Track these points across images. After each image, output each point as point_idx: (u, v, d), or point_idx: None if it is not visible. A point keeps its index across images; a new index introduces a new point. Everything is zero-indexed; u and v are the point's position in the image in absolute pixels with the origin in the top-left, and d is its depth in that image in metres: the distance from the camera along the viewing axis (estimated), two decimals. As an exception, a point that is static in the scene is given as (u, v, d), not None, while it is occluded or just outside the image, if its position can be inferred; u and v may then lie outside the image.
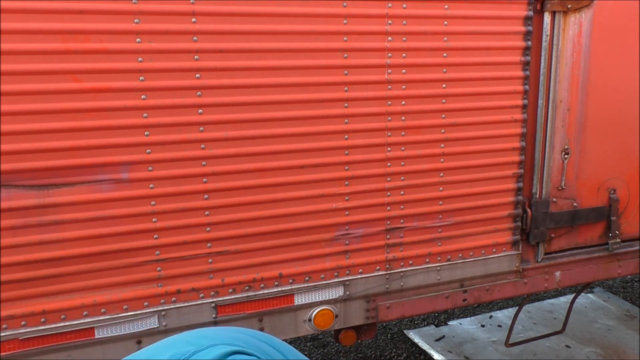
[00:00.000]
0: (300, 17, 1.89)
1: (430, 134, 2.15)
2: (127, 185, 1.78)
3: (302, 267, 2.05)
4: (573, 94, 2.37)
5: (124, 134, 1.75)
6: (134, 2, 1.70)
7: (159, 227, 1.84)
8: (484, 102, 2.22)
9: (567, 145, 2.42)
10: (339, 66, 1.97)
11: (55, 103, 1.66)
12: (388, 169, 2.11)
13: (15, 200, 1.66)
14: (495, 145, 2.27)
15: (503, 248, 2.39)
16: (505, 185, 2.33)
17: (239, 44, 1.83)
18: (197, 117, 1.82)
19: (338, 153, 2.03)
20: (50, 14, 1.62)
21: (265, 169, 1.93)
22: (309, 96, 1.95)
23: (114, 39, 1.69)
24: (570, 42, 2.32)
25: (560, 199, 2.46)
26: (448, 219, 2.26)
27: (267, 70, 1.88)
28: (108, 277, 1.81)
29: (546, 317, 4.06)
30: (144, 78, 1.74)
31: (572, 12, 2.29)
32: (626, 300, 4.38)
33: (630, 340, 3.72)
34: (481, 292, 2.41)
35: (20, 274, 1.71)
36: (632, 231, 2.65)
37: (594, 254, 2.59)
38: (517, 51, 2.23)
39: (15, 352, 1.74)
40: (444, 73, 2.13)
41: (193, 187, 1.86)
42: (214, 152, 1.86)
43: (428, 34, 2.07)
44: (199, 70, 1.80)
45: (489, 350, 3.59)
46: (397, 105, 2.08)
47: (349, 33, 1.96)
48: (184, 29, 1.76)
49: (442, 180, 2.21)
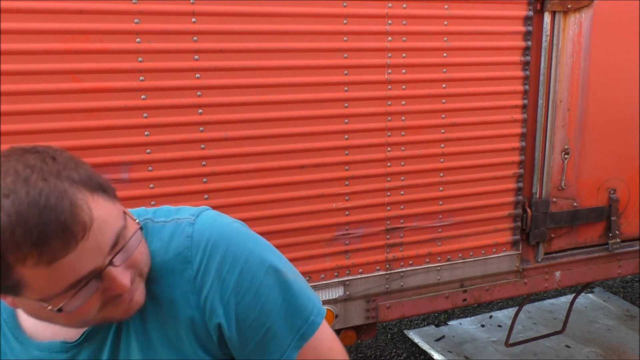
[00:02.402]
0: (300, 17, 1.89)
1: (430, 134, 2.16)
2: (127, 185, 1.78)
3: (302, 267, 2.05)
4: (573, 94, 2.37)
5: (124, 134, 1.75)
6: (134, 2, 1.70)
7: (159, 227, 1.83)
8: (484, 102, 2.22)
9: (567, 145, 2.42)
10: (339, 66, 1.97)
11: (55, 103, 1.66)
12: (388, 169, 2.11)
13: (15, 200, 1.66)
14: (495, 145, 2.27)
15: (503, 248, 2.39)
16: (505, 185, 2.33)
17: (239, 44, 1.83)
18: (197, 117, 1.82)
19: (338, 153, 2.03)
20: (50, 14, 1.62)
21: (265, 169, 1.93)
22: (309, 96, 1.95)
23: (114, 39, 1.69)
24: (570, 42, 2.32)
25: (560, 199, 2.46)
26: (448, 219, 2.26)
27: (267, 70, 1.88)
28: (108, 277, 1.81)
29: (546, 317, 4.06)
30: (144, 78, 1.74)
31: (572, 12, 2.29)
32: (626, 300, 4.38)
33: (630, 340, 3.72)
34: (481, 292, 2.41)
35: (20, 274, 1.71)
36: (632, 231, 2.65)
37: (594, 254, 2.59)
38: (517, 51, 2.23)
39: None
40: (444, 73, 2.13)
41: (193, 187, 1.86)
42: (214, 152, 1.86)
43: (428, 34, 2.07)
44: (199, 70, 1.80)
45: (489, 350, 3.59)
46: (397, 105, 2.08)
47: (349, 33, 1.96)
48: (184, 29, 1.76)
49: (442, 180, 2.21)
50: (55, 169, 0.71)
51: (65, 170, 0.72)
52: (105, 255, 0.74)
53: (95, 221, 0.72)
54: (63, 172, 0.71)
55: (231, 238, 0.87)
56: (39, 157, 0.72)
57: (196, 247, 0.85)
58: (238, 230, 0.90)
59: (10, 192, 0.68)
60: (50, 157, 0.73)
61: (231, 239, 0.87)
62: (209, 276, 0.85)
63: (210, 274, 0.85)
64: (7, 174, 0.69)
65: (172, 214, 0.90)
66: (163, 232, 0.88)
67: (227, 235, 0.87)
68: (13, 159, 0.72)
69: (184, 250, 0.85)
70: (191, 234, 0.86)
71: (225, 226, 0.89)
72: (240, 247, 0.87)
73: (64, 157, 0.74)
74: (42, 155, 0.72)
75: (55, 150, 0.75)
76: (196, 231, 0.86)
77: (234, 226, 0.90)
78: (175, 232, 0.87)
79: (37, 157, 0.72)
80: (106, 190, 0.77)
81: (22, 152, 0.73)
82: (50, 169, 0.71)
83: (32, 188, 0.68)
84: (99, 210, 0.73)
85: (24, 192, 0.68)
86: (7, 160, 0.72)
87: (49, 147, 0.76)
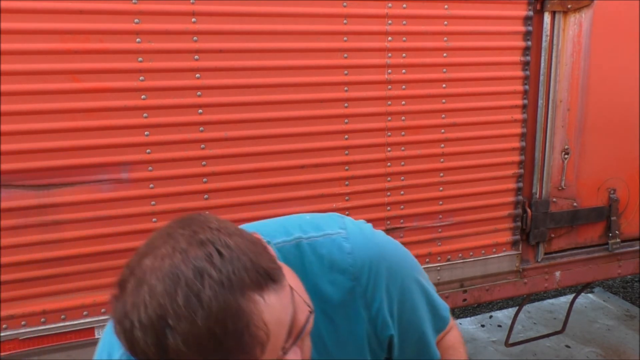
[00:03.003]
0: (300, 17, 1.89)
1: (430, 134, 2.16)
2: (127, 185, 1.78)
3: (302, 267, 2.05)
4: (573, 94, 2.37)
5: (124, 134, 1.75)
6: (134, 2, 1.70)
7: (159, 227, 1.83)
8: (484, 102, 2.22)
9: (567, 145, 2.42)
10: (339, 66, 1.97)
11: (55, 103, 1.66)
12: (388, 169, 2.11)
13: (15, 200, 1.66)
14: (495, 145, 2.27)
15: (503, 248, 2.39)
16: (505, 185, 2.33)
17: (239, 44, 1.83)
18: (197, 117, 1.82)
19: (338, 153, 2.03)
20: (50, 14, 1.62)
21: (265, 169, 1.93)
22: (309, 96, 1.95)
23: (114, 39, 1.69)
24: (570, 42, 2.32)
25: (560, 199, 2.46)
26: (448, 219, 2.26)
27: (267, 70, 1.88)
28: (108, 277, 1.81)
29: (546, 317, 4.06)
30: (144, 78, 1.74)
31: (572, 12, 2.29)
32: (626, 300, 4.38)
33: (630, 340, 3.72)
34: (481, 292, 2.41)
35: (20, 274, 1.71)
36: (632, 231, 2.65)
37: (593, 254, 2.59)
38: (517, 51, 2.23)
39: (15, 352, 1.74)
40: (444, 73, 2.13)
41: (193, 187, 1.86)
42: (214, 152, 1.86)
43: (428, 34, 2.07)
44: (199, 70, 1.80)
45: (489, 350, 3.59)
46: (397, 105, 2.08)
47: (349, 33, 1.96)
48: (184, 29, 1.76)
49: (442, 180, 2.21)
50: (226, 273, 0.65)
51: (236, 272, 0.66)
52: (279, 350, 0.70)
53: (271, 333, 0.67)
54: (233, 277, 0.65)
55: (386, 251, 0.93)
56: (204, 255, 0.65)
57: (360, 263, 0.88)
58: (388, 242, 0.96)
59: (186, 318, 0.62)
60: (215, 251, 0.66)
61: (387, 253, 0.93)
62: (378, 291, 0.89)
63: (379, 289, 0.89)
64: (177, 284, 0.63)
65: (320, 228, 0.93)
66: (319, 249, 0.89)
67: (383, 249, 0.93)
68: (177, 255, 0.65)
69: (349, 268, 0.88)
70: (351, 251, 0.89)
71: (377, 238, 0.94)
72: (395, 259, 0.93)
73: (229, 250, 0.67)
74: (207, 250, 0.66)
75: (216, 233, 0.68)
76: (355, 247, 0.89)
77: (382, 238, 0.95)
78: (332, 249, 0.89)
79: (202, 255, 0.65)
80: (272, 274, 0.70)
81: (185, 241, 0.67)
82: (222, 278, 0.64)
83: (208, 313, 0.62)
84: (273, 315, 0.68)
85: (201, 317, 0.62)
86: (172, 253, 0.65)
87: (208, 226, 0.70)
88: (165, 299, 0.63)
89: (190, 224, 0.71)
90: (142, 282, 0.65)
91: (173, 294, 0.63)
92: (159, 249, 0.68)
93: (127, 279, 0.68)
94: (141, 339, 0.63)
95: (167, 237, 0.70)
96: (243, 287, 0.66)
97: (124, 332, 0.65)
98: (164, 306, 0.63)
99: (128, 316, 0.65)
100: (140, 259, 0.69)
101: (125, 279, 0.68)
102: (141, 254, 0.70)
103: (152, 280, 0.64)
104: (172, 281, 0.63)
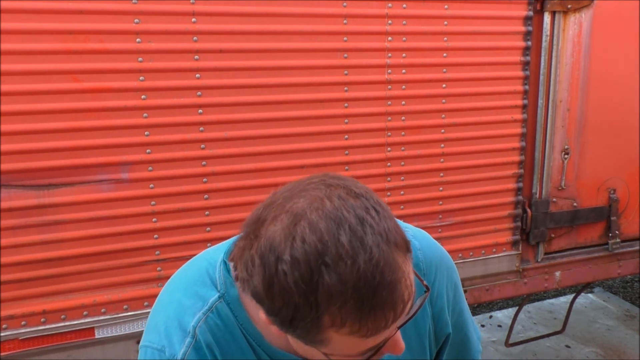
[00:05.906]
0: (300, 17, 1.89)
1: (430, 134, 2.15)
2: (127, 185, 1.78)
3: (302, 267, 2.05)
4: (573, 94, 2.37)
5: (124, 134, 1.75)
6: (134, 2, 1.70)
7: (159, 227, 1.83)
8: (484, 102, 2.22)
9: (567, 145, 2.42)
10: (339, 66, 1.97)
11: (55, 103, 1.66)
12: (388, 169, 2.11)
13: (15, 200, 1.66)
14: (495, 145, 2.27)
15: (503, 248, 2.39)
16: (505, 185, 2.33)
17: (239, 44, 1.83)
18: (197, 117, 1.82)
19: (338, 153, 2.02)
20: (50, 14, 1.62)
21: (265, 169, 1.93)
22: (309, 96, 1.95)
23: (114, 39, 1.69)
24: (570, 42, 2.32)
25: (560, 199, 2.46)
26: (448, 219, 2.26)
27: (267, 70, 1.88)
28: (108, 277, 1.81)
29: (546, 317, 4.06)
30: (144, 78, 1.74)
31: (572, 12, 2.29)
32: (626, 300, 4.38)
33: (630, 340, 3.72)
34: (481, 292, 2.41)
35: (20, 274, 1.71)
36: (632, 231, 2.65)
37: (594, 254, 2.59)
38: (517, 51, 2.23)
39: (15, 352, 1.74)
40: (444, 73, 2.13)
41: (193, 187, 1.86)
42: (214, 152, 1.86)
43: (428, 34, 2.07)
44: (199, 70, 1.80)
45: (489, 350, 3.59)
46: (397, 105, 2.08)
47: (349, 33, 1.96)
48: (184, 29, 1.76)
49: (442, 180, 2.21)
50: (383, 228, 0.64)
51: (391, 229, 0.65)
52: (403, 320, 0.70)
53: (412, 296, 0.67)
54: (389, 234, 0.65)
55: (445, 254, 0.97)
56: (362, 206, 0.65)
57: (429, 261, 0.91)
58: (441, 246, 0.99)
59: (348, 257, 0.60)
60: (373, 209, 0.65)
61: (445, 255, 0.97)
62: (442, 288, 0.92)
63: (442, 287, 0.92)
64: (340, 225, 0.62)
65: None
66: None
67: (443, 251, 0.97)
68: (336, 200, 0.64)
69: (419, 264, 0.90)
70: (421, 248, 0.91)
71: (433, 240, 0.98)
72: (451, 263, 0.97)
73: (383, 209, 0.67)
74: (364, 203, 0.65)
75: (367, 194, 0.68)
76: (423, 245, 0.91)
77: (436, 242, 0.99)
78: None
79: (361, 205, 0.65)
80: (408, 245, 0.70)
81: (342, 190, 0.66)
82: (380, 230, 0.64)
83: (369, 257, 0.61)
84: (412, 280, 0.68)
85: (363, 260, 0.61)
86: (331, 197, 0.64)
87: (357, 185, 0.69)
88: (329, 235, 0.61)
89: (341, 177, 0.70)
90: (299, 217, 0.62)
91: (336, 234, 0.61)
92: (313, 191, 0.66)
93: (267, 215, 0.64)
94: (288, 274, 0.60)
95: (320, 183, 0.68)
96: (397, 245, 0.65)
97: (263, 268, 0.62)
98: (326, 243, 0.60)
99: (274, 250, 0.61)
100: (287, 199, 0.66)
101: (263, 216, 0.65)
102: (285, 197, 0.67)
103: (312, 216, 0.62)
104: (335, 222, 0.61)
